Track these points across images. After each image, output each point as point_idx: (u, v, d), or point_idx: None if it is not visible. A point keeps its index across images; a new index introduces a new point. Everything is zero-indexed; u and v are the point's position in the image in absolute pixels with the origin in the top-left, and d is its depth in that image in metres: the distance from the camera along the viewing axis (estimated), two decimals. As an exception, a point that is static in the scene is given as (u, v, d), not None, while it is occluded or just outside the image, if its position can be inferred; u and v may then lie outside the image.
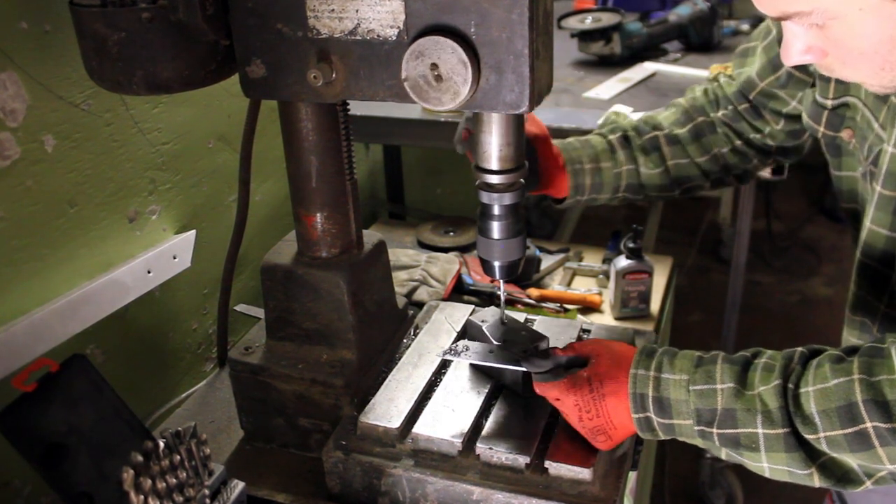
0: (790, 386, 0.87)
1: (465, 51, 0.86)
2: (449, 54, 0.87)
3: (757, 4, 0.84)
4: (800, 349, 0.91)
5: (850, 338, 1.11)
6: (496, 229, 1.04)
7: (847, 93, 1.07)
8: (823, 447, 0.86)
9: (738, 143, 1.29)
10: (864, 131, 1.04)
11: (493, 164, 1.00)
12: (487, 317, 1.18)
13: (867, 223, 1.03)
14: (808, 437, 0.86)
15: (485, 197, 1.03)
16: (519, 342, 1.11)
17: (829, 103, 1.10)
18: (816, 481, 0.88)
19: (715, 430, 0.91)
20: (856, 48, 0.82)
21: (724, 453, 0.93)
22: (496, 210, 1.03)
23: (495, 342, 1.13)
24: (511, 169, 1.01)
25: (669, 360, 0.95)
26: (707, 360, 0.94)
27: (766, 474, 0.91)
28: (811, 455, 0.87)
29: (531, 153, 1.21)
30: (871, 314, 1.06)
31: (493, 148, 0.99)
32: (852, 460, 0.87)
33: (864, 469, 0.88)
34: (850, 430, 0.83)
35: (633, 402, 0.95)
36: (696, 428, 0.92)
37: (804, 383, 0.87)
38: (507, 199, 1.02)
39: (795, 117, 1.21)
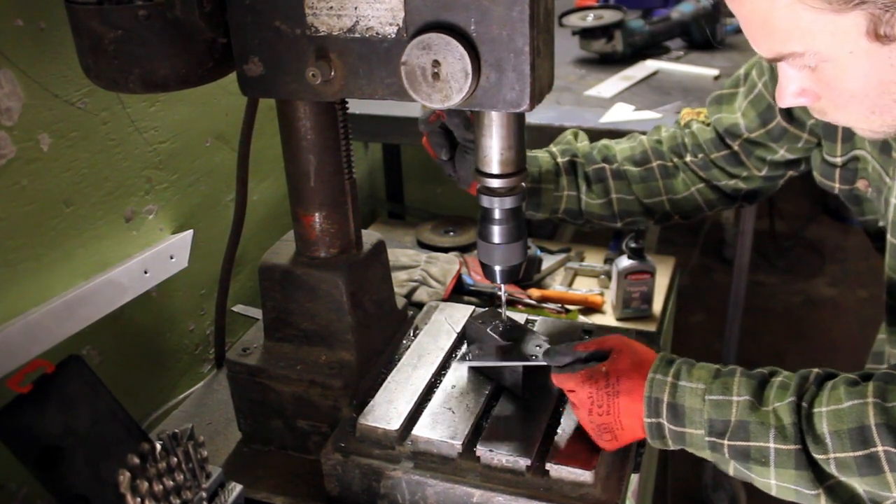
0: (804, 404, 0.87)
1: (465, 48, 0.86)
2: (453, 57, 0.86)
3: (753, 45, 0.85)
4: (815, 370, 0.92)
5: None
6: (497, 233, 1.03)
7: (854, 147, 1.08)
8: (832, 469, 0.86)
9: (699, 186, 1.28)
10: (877, 182, 1.05)
11: (494, 168, 1.00)
12: (486, 319, 1.17)
13: (886, 269, 1.05)
14: (818, 456, 0.86)
15: (485, 201, 1.02)
16: (525, 340, 1.11)
17: (839, 161, 1.10)
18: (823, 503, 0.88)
19: (726, 442, 0.91)
20: (846, 91, 0.83)
21: (732, 467, 0.93)
22: (497, 214, 1.02)
23: (503, 342, 1.12)
24: (512, 173, 1.00)
25: (688, 369, 0.95)
26: (725, 372, 0.94)
27: (773, 492, 0.91)
28: (819, 476, 0.87)
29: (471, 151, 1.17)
30: None
31: (495, 152, 0.99)
32: (859, 485, 0.86)
33: (870, 495, 0.88)
34: (860, 453, 0.83)
35: (647, 407, 0.95)
36: (707, 439, 0.92)
37: (818, 403, 0.87)
38: (509, 202, 1.01)
39: (780, 164, 1.21)
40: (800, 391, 0.88)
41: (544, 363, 1.05)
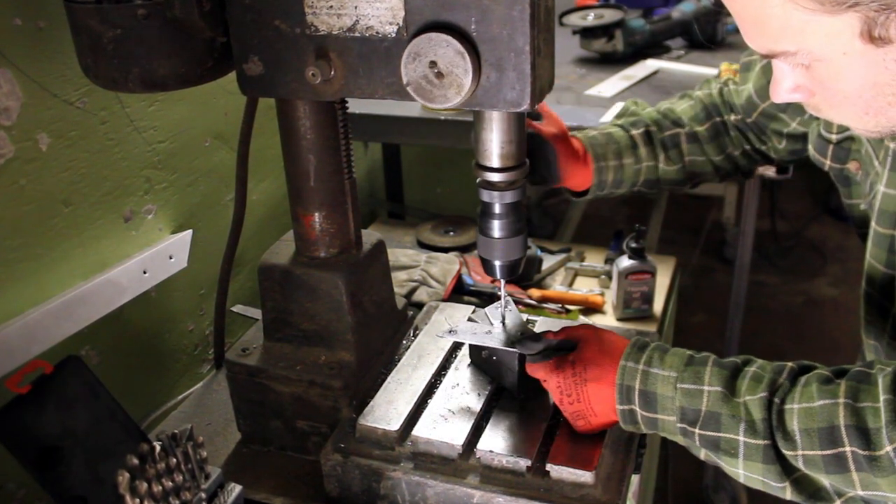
0: (776, 400, 0.88)
1: (465, 47, 0.85)
2: (454, 56, 0.86)
3: (746, 40, 0.84)
4: (790, 364, 0.92)
5: (868, 354, 1.11)
6: (497, 228, 1.03)
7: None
8: (800, 464, 0.87)
9: (747, 147, 1.30)
10: (867, 166, 1.05)
11: (495, 162, 0.99)
12: (484, 316, 1.17)
13: (867, 256, 1.05)
14: (787, 452, 0.87)
15: (485, 195, 1.02)
16: (517, 327, 1.12)
17: (834, 137, 1.10)
18: (789, 495, 0.90)
19: (697, 431, 0.92)
20: (840, 91, 0.82)
21: (703, 454, 0.94)
22: (497, 208, 1.02)
23: (495, 325, 1.12)
24: (512, 166, 1.00)
25: (660, 356, 0.96)
26: (698, 360, 0.95)
27: (741, 480, 0.92)
28: (786, 469, 0.88)
29: (550, 150, 1.20)
30: (879, 340, 1.07)
31: (495, 145, 0.98)
32: (825, 480, 0.88)
33: (835, 489, 0.90)
34: (828, 452, 0.84)
35: (619, 394, 0.97)
36: (679, 425, 0.93)
37: (790, 399, 0.88)
38: (509, 197, 1.01)
39: (796, 137, 1.22)
40: (772, 387, 0.89)
41: (517, 350, 1.06)
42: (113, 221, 1.33)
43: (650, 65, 2.26)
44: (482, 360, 1.15)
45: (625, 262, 1.54)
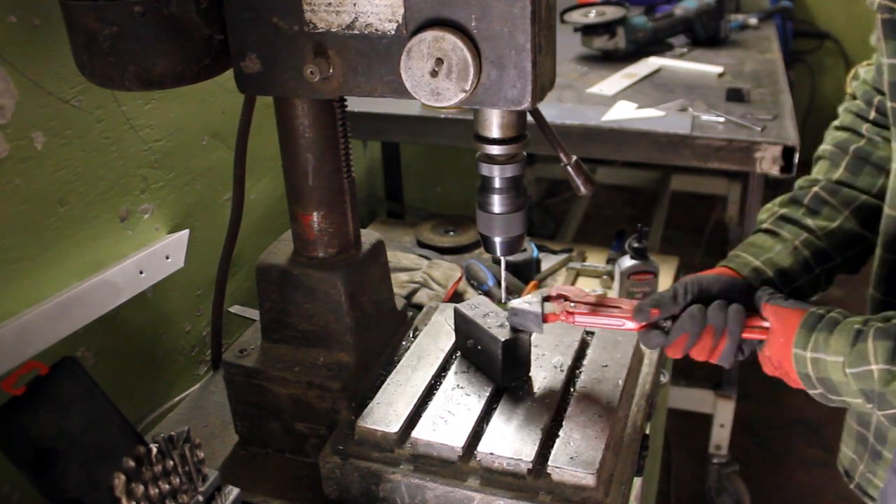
0: None
1: (466, 45, 0.84)
2: (454, 54, 0.85)
3: None
4: None
5: None
6: (497, 203, 1.00)
7: None
8: None
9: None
10: None
11: (494, 132, 0.96)
12: (477, 304, 1.17)
13: (886, 208, 1.01)
14: None
15: (485, 169, 0.99)
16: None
17: None
18: None
19: (879, 413, 0.86)
20: None
21: None
22: (497, 183, 0.99)
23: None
24: (513, 138, 0.97)
25: (826, 338, 0.89)
26: (864, 334, 0.87)
27: None
28: None
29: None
30: None
31: (495, 115, 0.95)
32: None
33: None
34: None
35: (803, 381, 0.92)
36: (868, 406, 0.87)
37: None
38: (509, 171, 0.99)
39: None
40: None
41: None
42: (109, 221, 1.32)
43: (652, 63, 2.25)
44: (468, 349, 1.16)
45: (627, 262, 1.54)
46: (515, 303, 1.09)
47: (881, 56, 0.97)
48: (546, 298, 1.10)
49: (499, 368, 1.10)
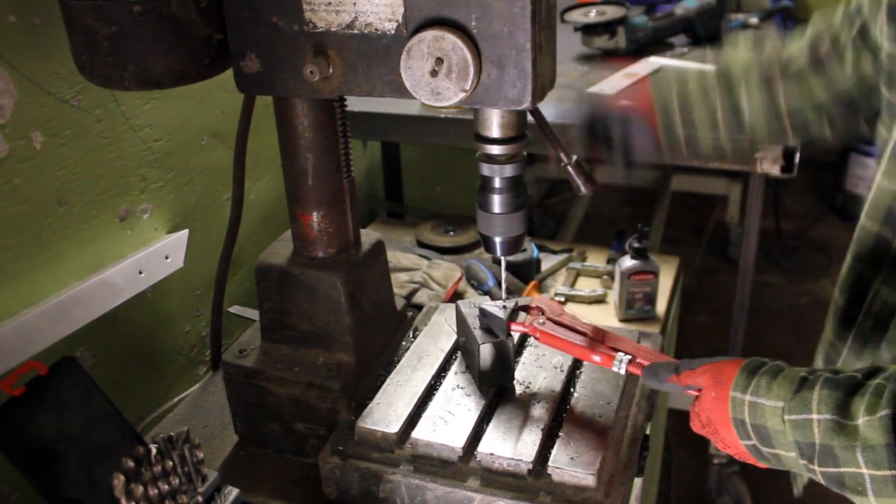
0: None
1: (466, 44, 0.84)
2: (454, 54, 0.85)
3: None
4: None
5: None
6: (497, 203, 1.01)
7: None
8: None
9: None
10: None
11: (494, 132, 0.96)
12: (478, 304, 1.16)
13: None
14: None
15: (485, 169, 0.99)
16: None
17: None
18: None
19: (817, 468, 0.79)
20: None
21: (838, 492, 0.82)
22: (497, 183, 0.99)
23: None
24: (513, 138, 0.97)
25: (768, 382, 0.84)
26: (809, 382, 0.81)
27: None
28: None
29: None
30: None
31: (495, 114, 0.96)
32: None
33: None
34: None
35: (736, 429, 0.86)
36: (801, 462, 0.81)
37: None
38: (509, 171, 0.99)
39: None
40: (894, 399, 0.74)
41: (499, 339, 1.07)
42: (108, 221, 1.32)
43: (653, 62, 2.25)
44: (462, 347, 1.16)
45: (627, 262, 1.53)
46: (487, 305, 1.10)
47: (882, 39, 0.95)
48: (524, 307, 1.10)
49: (477, 371, 1.10)
